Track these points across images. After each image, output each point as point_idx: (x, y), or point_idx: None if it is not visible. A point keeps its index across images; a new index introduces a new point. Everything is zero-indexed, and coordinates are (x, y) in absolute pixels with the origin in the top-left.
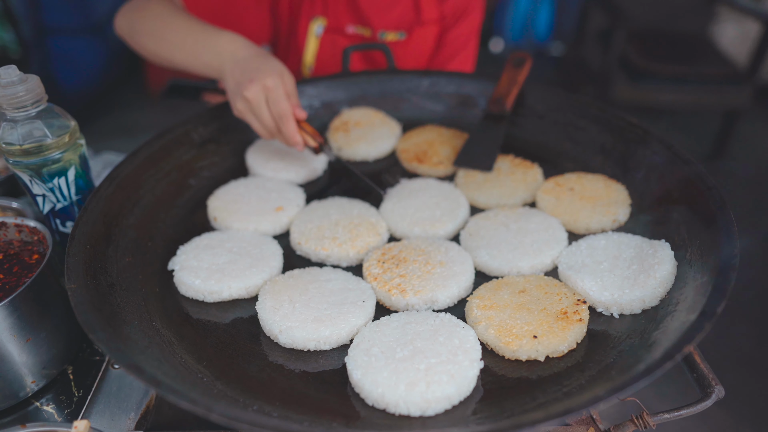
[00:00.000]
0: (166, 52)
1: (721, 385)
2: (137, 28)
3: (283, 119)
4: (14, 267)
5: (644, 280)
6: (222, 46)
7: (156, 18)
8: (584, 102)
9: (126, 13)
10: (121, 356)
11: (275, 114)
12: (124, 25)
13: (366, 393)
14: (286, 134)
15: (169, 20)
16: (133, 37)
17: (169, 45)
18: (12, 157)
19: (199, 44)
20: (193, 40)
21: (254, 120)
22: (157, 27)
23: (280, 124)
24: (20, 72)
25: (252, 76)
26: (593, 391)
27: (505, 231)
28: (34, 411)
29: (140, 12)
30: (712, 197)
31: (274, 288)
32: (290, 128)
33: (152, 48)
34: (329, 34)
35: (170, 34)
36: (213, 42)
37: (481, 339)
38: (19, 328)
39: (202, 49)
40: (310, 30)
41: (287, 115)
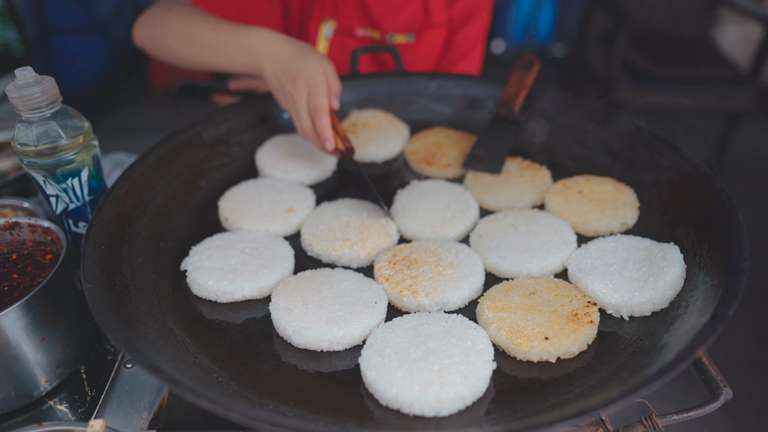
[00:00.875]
0: (197, 54)
1: (729, 387)
2: (162, 34)
3: (318, 112)
4: (28, 267)
5: (654, 282)
6: (254, 44)
7: (181, 21)
8: (592, 105)
9: (146, 22)
10: (139, 356)
11: (311, 106)
12: (146, 34)
13: (380, 393)
14: (318, 127)
15: (195, 22)
16: (158, 44)
17: (200, 47)
18: (26, 158)
19: (231, 44)
20: (224, 41)
21: (296, 116)
22: (183, 30)
23: (314, 116)
24: (36, 74)
25: (296, 75)
26: (606, 393)
27: (515, 233)
28: (48, 410)
29: (162, 18)
30: (721, 200)
31: (287, 289)
32: (322, 123)
33: (183, 52)
34: (339, 37)
35: (199, 36)
36: (244, 40)
37: (493, 340)
38: (34, 327)
39: (235, 49)
40: (321, 32)
41: (322, 109)
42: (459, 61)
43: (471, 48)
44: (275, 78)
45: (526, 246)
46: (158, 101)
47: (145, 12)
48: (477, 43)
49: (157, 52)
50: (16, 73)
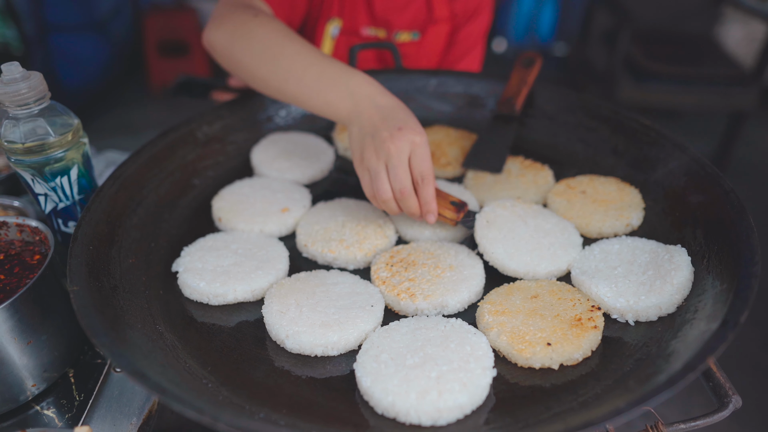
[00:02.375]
0: (276, 80)
1: (738, 395)
2: (240, 45)
3: (425, 180)
4: (15, 268)
5: (660, 286)
6: (355, 86)
7: (267, 38)
8: (596, 103)
9: (222, 24)
10: (124, 362)
11: (417, 173)
12: (222, 39)
13: (376, 401)
14: (424, 197)
15: (285, 43)
16: (233, 54)
17: (284, 73)
18: (14, 156)
19: (324, 80)
20: (316, 73)
21: (384, 175)
22: (269, 50)
23: (421, 185)
24: (23, 69)
25: (400, 125)
26: (611, 402)
27: (524, 227)
28: (35, 415)
29: (245, 27)
30: (730, 201)
31: (281, 291)
32: (429, 192)
33: (259, 72)
34: (345, 36)
35: (286, 62)
36: (343, 80)
37: (493, 346)
38: (19, 330)
39: (329, 85)
40: (326, 31)
41: (430, 176)
42: (461, 59)
43: (472, 46)
44: (370, 123)
45: (535, 245)
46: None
47: (219, 10)
48: (478, 42)
49: (229, 62)
50: (2, 68)
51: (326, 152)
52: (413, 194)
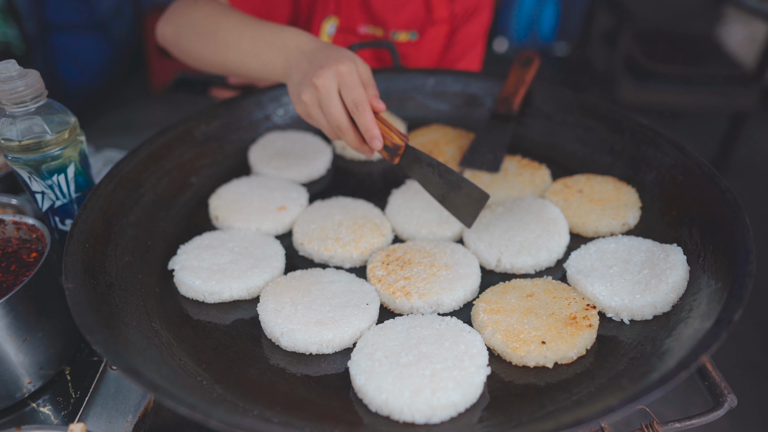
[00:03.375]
0: (218, 54)
1: (733, 394)
2: (183, 32)
3: (359, 107)
4: (12, 265)
5: (656, 285)
6: (286, 41)
7: (205, 18)
8: (593, 102)
9: (169, 18)
10: (118, 359)
11: (349, 102)
12: (169, 31)
13: (369, 399)
14: (362, 125)
15: (220, 19)
16: (179, 42)
17: (222, 46)
18: (11, 153)
19: (259, 42)
20: (250, 38)
21: (320, 115)
22: (206, 28)
23: (356, 113)
24: (20, 67)
25: (323, 63)
26: (605, 401)
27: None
28: (31, 412)
29: (186, 15)
30: (726, 200)
31: (276, 289)
32: (367, 118)
33: (202, 51)
34: (341, 34)
35: (223, 34)
36: (275, 38)
37: (488, 344)
38: (16, 327)
39: (263, 46)
40: (323, 30)
41: (363, 102)
42: (460, 59)
43: (472, 46)
44: (300, 72)
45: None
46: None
47: (169, 7)
48: (478, 41)
49: (178, 51)
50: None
51: (323, 151)
52: (350, 127)
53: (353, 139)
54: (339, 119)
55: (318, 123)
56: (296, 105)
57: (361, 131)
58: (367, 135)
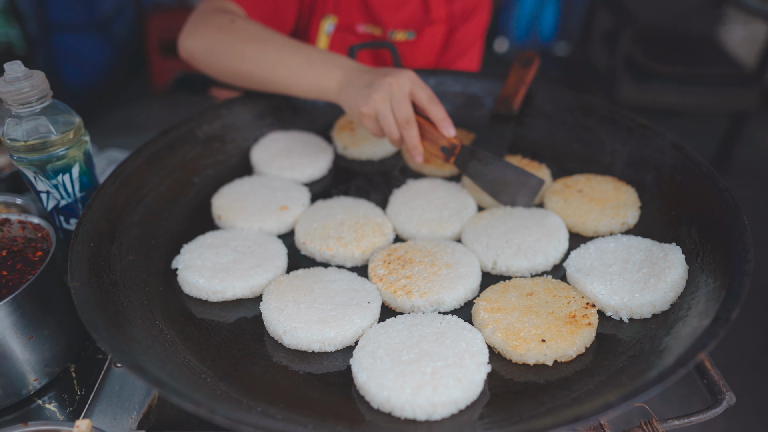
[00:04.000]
0: (263, 70)
1: (732, 392)
2: (220, 48)
3: (433, 100)
4: (18, 264)
5: (655, 284)
6: (341, 61)
7: (250, 37)
8: (593, 103)
9: (200, 32)
10: (124, 356)
11: (424, 99)
12: (199, 45)
13: (371, 396)
14: (408, 140)
15: (268, 39)
16: (212, 58)
17: (269, 63)
18: (16, 153)
19: (312, 60)
20: (304, 56)
21: (390, 113)
22: (252, 46)
23: (404, 129)
24: (25, 68)
25: (390, 71)
26: (604, 397)
27: (511, 224)
28: (36, 409)
29: (223, 31)
30: (725, 200)
31: (279, 288)
32: (412, 135)
33: (242, 68)
34: (340, 33)
35: (272, 53)
36: (330, 58)
37: (488, 342)
38: (22, 325)
39: (317, 63)
40: (321, 28)
41: (434, 97)
42: (459, 58)
43: (470, 45)
44: (361, 80)
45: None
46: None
47: (192, 19)
48: (476, 41)
49: (208, 65)
50: (6, 67)
51: (325, 151)
52: (416, 124)
53: (416, 134)
54: (409, 112)
55: (384, 119)
56: (364, 106)
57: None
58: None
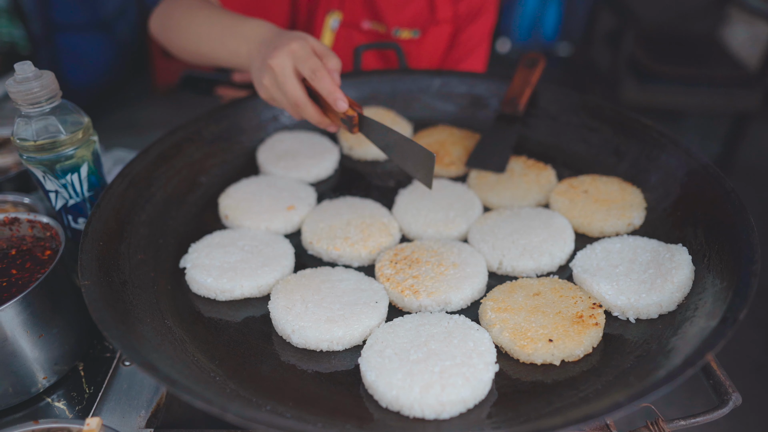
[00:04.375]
0: (192, 44)
1: (738, 392)
2: (167, 24)
3: (317, 73)
4: (27, 263)
5: (661, 284)
6: (248, 31)
7: (184, 12)
8: (598, 103)
9: (158, 13)
10: (135, 354)
11: (307, 72)
12: (157, 25)
13: (380, 395)
14: (324, 88)
15: (196, 12)
16: (163, 35)
17: (196, 37)
18: (26, 153)
19: (226, 32)
20: (219, 30)
21: (281, 94)
22: (184, 21)
23: (314, 79)
24: (35, 68)
25: (276, 44)
26: (612, 397)
27: (517, 225)
28: (45, 407)
29: (170, 10)
30: (731, 201)
31: (287, 287)
32: (326, 81)
33: (180, 42)
34: (344, 29)
35: (197, 27)
36: (239, 29)
37: (496, 342)
38: (31, 323)
39: (229, 36)
40: (326, 24)
41: (319, 68)
42: (464, 59)
43: (476, 46)
44: (259, 58)
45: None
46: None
47: (159, 3)
48: (482, 41)
49: (165, 43)
50: (16, 67)
51: (331, 151)
52: (308, 102)
53: (313, 113)
54: (295, 94)
55: (280, 104)
56: (259, 91)
57: (324, 95)
58: (330, 98)
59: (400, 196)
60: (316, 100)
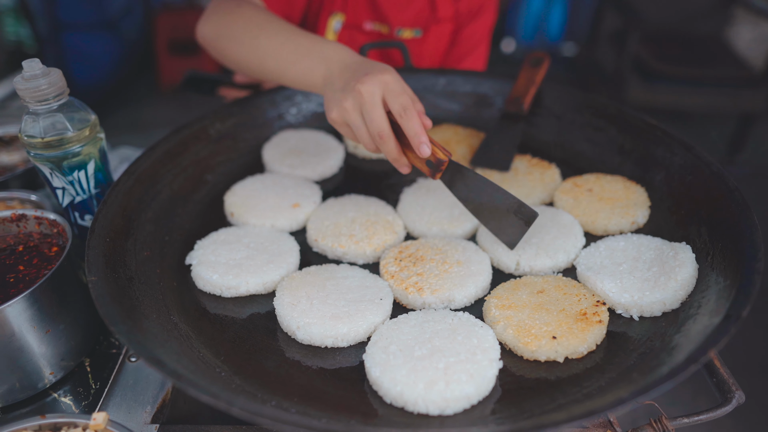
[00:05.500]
0: (256, 58)
1: (741, 390)
2: (225, 33)
3: (407, 111)
4: (34, 259)
5: (665, 282)
6: (328, 52)
7: (248, 23)
8: (603, 102)
9: (211, 18)
10: (142, 349)
11: (397, 107)
12: (210, 31)
13: (384, 391)
14: (411, 128)
15: (264, 25)
16: (218, 43)
17: (262, 52)
18: (33, 150)
19: (300, 50)
20: (292, 48)
21: (361, 122)
22: (249, 34)
23: (403, 117)
24: (43, 65)
25: (368, 71)
26: (615, 393)
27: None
28: (52, 402)
29: (229, 17)
30: (735, 199)
31: (292, 284)
32: (415, 122)
33: (239, 55)
34: (347, 30)
35: (265, 41)
36: (317, 48)
37: (500, 339)
38: (38, 319)
39: (304, 55)
40: (329, 25)
41: (410, 107)
42: (465, 57)
43: (477, 44)
44: (342, 81)
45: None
46: (168, 98)
47: (209, 5)
48: (483, 39)
49: (217, 52)
50: (24, 64)
51: (336, 149)
52: (391, 136)
53: (393, 148)
54: (381, 125)
55: (357, 130)
56: (334, 112)
57: (409, 136)
58: (415, 141)
59: (405, 194)
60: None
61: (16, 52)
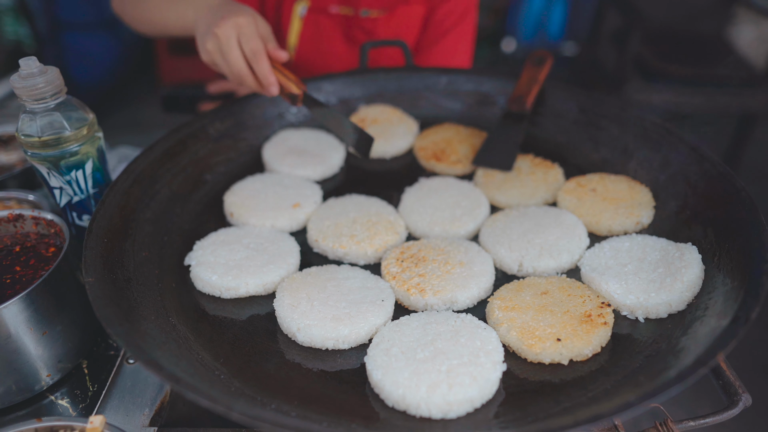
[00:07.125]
0: (145, 13)
1: (748, 393)
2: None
3: (256, 56)
4: (31, 260)
5: (671, 283)
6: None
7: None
8: (606, 102)
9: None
10: (139, 352)
11: (248, 52)
12: (117, 1)
13: (386, 394)
14: (259, 73)
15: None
16: (122, 9)
17: (149, 6)
18: (30, 149)
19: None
20: None
21: (223, 61)
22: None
23: (253, 62)
24: (40, 64)
25: (224, 15)
26: (621, 397)
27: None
28: (49, 405)
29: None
30: (741, 200)
31: (292, 285)
32: (263, 66)
33: (135, 12)
34: (312, 14)
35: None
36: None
37: (503, 341)
38: (35, 320)
39: (178, 2)
40: (294, 11)
41: (260, 52)
42: (445, 36)
43: (458, 21)
44: (204, 23)
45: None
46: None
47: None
48: (466, 16)
49: (124, 17)
50: (21, 63)
51: (337, 149)
52: (249, 74)
53: (253, 84)
54: (238, 66)
55: (221, 70)
56: (202, 54)
57: (259, 79)
58: (264, 82)
59: (407, 194)
60: None
61: (16, 51)
